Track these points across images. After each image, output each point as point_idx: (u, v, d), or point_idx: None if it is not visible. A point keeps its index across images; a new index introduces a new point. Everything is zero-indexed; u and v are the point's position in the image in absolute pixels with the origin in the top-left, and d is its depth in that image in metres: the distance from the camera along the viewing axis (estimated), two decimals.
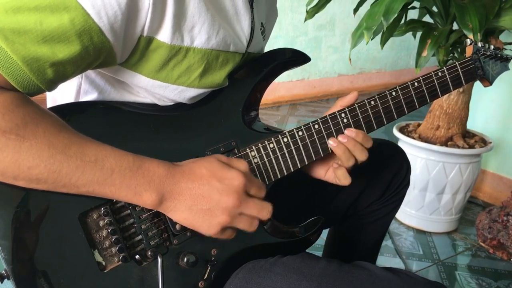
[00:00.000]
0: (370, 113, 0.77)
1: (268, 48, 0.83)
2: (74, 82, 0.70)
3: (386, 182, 0.94)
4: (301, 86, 3.77)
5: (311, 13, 1.69)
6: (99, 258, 0.60)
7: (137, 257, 0.62)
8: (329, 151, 0.75)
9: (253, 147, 0.71)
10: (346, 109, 0.76)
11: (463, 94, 1.70)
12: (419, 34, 1.55)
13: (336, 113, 0.75)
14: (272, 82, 0.79)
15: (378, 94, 0.77)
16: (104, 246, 0.61)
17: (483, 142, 1.78)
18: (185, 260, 0.63)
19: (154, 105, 0.69)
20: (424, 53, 1.46)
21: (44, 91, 0.57)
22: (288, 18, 3.46)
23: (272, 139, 0.72)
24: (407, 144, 1.76)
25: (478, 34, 1.29)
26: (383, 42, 1.54)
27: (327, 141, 0.75)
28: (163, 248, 0.64)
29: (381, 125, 0.79)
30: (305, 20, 1.73)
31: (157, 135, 0.66)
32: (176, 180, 0.58)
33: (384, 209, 0.97)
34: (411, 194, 1.79)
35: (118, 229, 0.61)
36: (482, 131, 1.88)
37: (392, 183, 0.95)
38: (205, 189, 0.58)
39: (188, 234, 0.65)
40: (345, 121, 0.76)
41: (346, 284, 0.63)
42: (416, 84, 0.79)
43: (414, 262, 1.64)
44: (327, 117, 0.75)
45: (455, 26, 1.54)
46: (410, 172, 0.97)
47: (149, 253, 0.62)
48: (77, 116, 0.62)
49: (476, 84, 1.42)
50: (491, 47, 0.89)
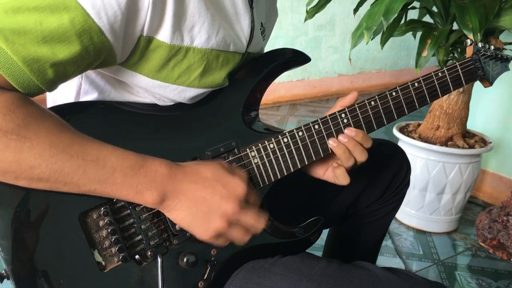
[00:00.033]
0: (370, 113, 0.77)
1: (268, 48, 0.83)
2: (74, 82, 0.70)
3: (386, 182, 0.94)
4: (301, 86, 3.77)
5: (311, 13, 1.69)
6: (99, 258, 0.60)
7: (137, 257, 0.62)
8: (329, 151, 0.75)
9: (253, 147, 0.71)
10: (346, 109, 0.76)
11: (463, 94, 1.70)
12: (419, 34, 1.55)
13: (336, 113, 0.75)
14: (272, 82, 0.79)
15: (378, 94, 0.77)
16: (104, 246, 0.61)
17: (483, 142, 1.78)
18: (185, 260, 0.63)
19: (154, 105, 0.69)
20: (424, 53, 1.46)
21: (45, 92, 0.57)
22: (288, 18, 3.46)
23: (272, 139, 0.72)
24: (407, 144, 1.76)
25: (478, 34, 1.29)
26: (383, 42, 1.54)
27: (327, 141, 0.75)
28: (163, 248, 0.64)
29: (381, 125, 0.78)
30: (305, 20, 1.73)
31: (157, 135, 0.66)
32: (178, 179, 0.58)
33: (384, 209, 0.97)
34: (411, 194, 1.79)
35: (118, 229, 0.61)
36: (482, 131, 1.88)
37: (392, 183, 0.95)
38: (208, 192, 0.58)
39: (188, 234, 0.64)
40: (345, 121, 0.76)
41: (346, 284, 0.63)
42: (416, 84, 0.79)
43: (414, 262, 1.64)
44: (327, 117, 0.75)
45: (455, 26, 1.54)
46: (410, 172, 0.97)
47: (149, 253, 0.62)
48: (77, 116, 0.62)
49: (476, 84, 1.41)
50: (491, 47, 0.89)
